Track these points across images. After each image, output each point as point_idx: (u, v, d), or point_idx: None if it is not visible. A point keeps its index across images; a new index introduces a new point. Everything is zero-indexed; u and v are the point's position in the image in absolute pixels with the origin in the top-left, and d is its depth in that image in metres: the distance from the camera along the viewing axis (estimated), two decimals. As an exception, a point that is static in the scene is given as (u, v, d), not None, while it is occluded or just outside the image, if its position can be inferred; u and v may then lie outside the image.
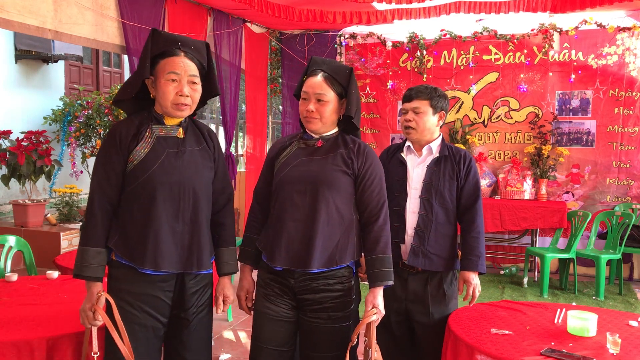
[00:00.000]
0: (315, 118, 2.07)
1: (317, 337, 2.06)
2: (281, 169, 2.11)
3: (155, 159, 1.92)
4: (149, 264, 1.88)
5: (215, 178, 2.07)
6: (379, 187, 2.12)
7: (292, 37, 6.53)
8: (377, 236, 2.06)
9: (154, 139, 1.95)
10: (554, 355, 1.94)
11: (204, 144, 2.05)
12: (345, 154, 2.09)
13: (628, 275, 5.62)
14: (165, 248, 1.90)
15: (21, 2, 3.51)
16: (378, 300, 2.02)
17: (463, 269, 2.44)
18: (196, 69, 1.95)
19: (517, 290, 5.19)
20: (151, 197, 1.89)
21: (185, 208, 1.94)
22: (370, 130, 6.42)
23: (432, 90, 2.50)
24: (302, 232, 2.01)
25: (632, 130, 5.52)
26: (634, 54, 5.44)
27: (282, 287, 2.07)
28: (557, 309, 2.48)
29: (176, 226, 1.92)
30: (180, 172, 1.93)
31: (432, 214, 2.43)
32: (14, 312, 2.23)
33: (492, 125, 5.99)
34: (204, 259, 1.98)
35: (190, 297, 1.99)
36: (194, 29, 5.04)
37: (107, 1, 4.13)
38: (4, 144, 5.20)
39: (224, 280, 2.10)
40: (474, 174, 2.50)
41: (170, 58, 1.91)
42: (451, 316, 2.37)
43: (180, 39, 1.96)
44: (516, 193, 5.68)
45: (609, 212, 5.30)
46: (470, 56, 5.97)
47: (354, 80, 2.11)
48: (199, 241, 1.97)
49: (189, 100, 1.94)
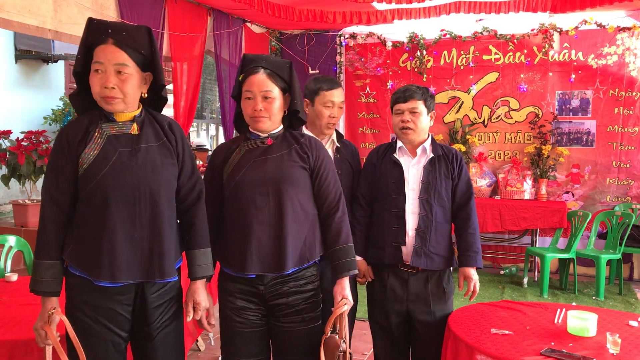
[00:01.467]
0: (264, 117, 2.00)
1: (291, 341, 2.02)
2: (234, 174, 2.02)
3: (106, 160, 1.76)
4: (105, 276, 1.73)
5: (181, 174, 1.90)
6: (334, 179, 2.10)
7: (292, 37, 6.53)
8: (339, 227, 2.05)
9: (104, 138, 1.79)
10: (554, 355, 1.94)
11: (163, 139, 1.87)
12: (299, 148, 2.05)
13: (628, 275, 5.61)
14: (123, 257, 1.74)
15: (21, 2, 3.51)
16: (346, 291, 2.02)
17: (463, 265, 2.46)
18: (126, 57, 1.75)
19: (517, 290, 5.19)
20: (103, 202, 1.74)
21: (142, 212, 1.77)
22: (370, 130, 6.41)
23: (425, 90, 2.52)
24: (272, 234, 1.95)
25: (632, 130, 5.52)
26: (634, 54, 5.44)
27: (251, 296, 2.01)
28: (557, 309, 2.48)
29: (134, 232, 1.76)
30: (134, 173, 1.77)
31: (432, 214, 2.44)
32: (14, 312, 2.23)
33: (492, 125, 5.99)
34: (167, 266, 1.81)
35: (153, 311, 1.83)
36: (194, 29, 5.04)
37: (107, 1, 4.13)
38: (4, 144, 5.20)
39: (195, 284, 1.92)
40: (465, 171, 2.53)
41: (97, 47, 1.75)
42: (451, 316, 2.38)
43: (112, 25, 1.78)
44: (516, 193, 5.68)
45: (609, 212, 5.30)
46: (470, 56, 5.96)
47: (294, 73, 2.07)
48: (160, 247, 1.80)
49: (117, 92, 1.75)
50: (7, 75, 6.37)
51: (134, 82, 1.79)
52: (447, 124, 6.10)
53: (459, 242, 2.51)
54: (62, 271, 1.79)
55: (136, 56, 1.78)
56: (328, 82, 2.60)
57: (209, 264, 1.94)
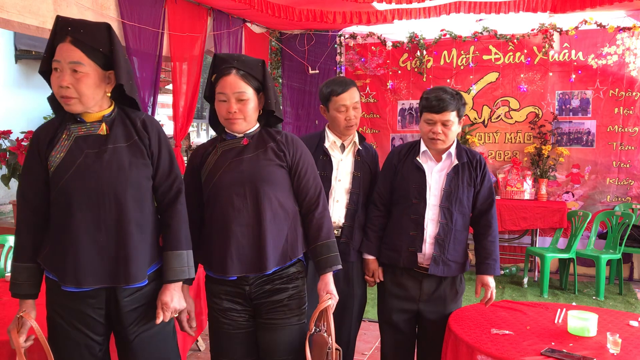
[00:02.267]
0: (239, 119, 1.98)
1: (276, 338, 2.01)
2: (211, 176, 2.00)
3: (71, 163, 1.71)
4: (70, 281, 1.70)
5: (157, 174, 1.84)
6: (313, 175, 2.08)
7: (292, 37, 6.53)
8: (320, 223, 2.04)
9: (72, 140, 1.74)
10: (554, 355, 1.94)
11: (134, 138, 1.80)
12: (276, 147, 2.03)
13: (628, 275, 5.61)
14: (88, 262, 1.70)
15: (21, 2, 3.51)
16: (330, 287, 2.01)
17: (481, 273, 2.45)
18: (82, 55, 1.68)
19: (517, 290, 5.19)
20: (68, 206, 1.70)
21: (107, 216, 1.72)
22: (370, 130, 6.41)
23: (458, 99, 2.38)
24: (251, 235, 1.94)
25: (632, 130, 5.52)
26: (634, 54, 5.44)
27: (236, 297, 2.01)
28: (557, 309, 2.48)
29: (99, 237, 1.72)
30: (98, 176, 1.72)
31: (452, 222, 2.40)
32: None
33: (492, 125, 5.99)
34: (133, 271, 1.75)
35: (128, 314, 1.79)
36: (194, 29, 5.03)
37: (107, 1, 4.13)
38: (4, 144, 5.19)
39: (165, 287, 1.84)
40: (488, 177, 2.47)
41: (57, 46, 1.70)
42: (451, 316, 2.38)
43: (72, 22, 1.71)
44: (516, 193, 5.68)
45: (609, 212, 5.29)
46: (470, 56, 5.96)
47: (268, 72, 2.04)
48: (126, 251, 1.74)
49: (72, 91, 1.69)
50: (7, 75, 6.37)
51: (90, 81, 1.71)
52: (447, 124, 6.10)
53: (477, 248, 2.48)
54: (39, 274, 1.79)
55: (94, 54, 1.71)
56: (338, 85, 2.55)
57: (182, 267, 1.85)
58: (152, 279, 1.85)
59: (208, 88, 2.04)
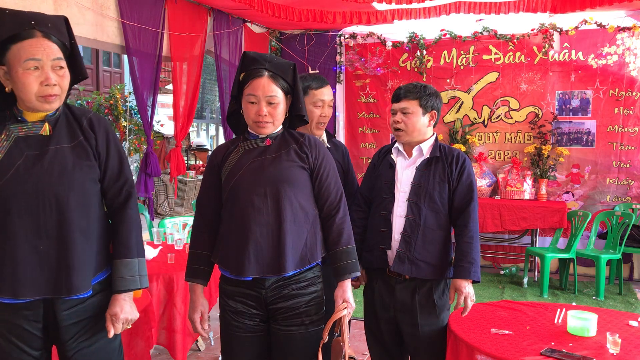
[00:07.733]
0: (268, 122, 1.95)
1: (292, 345, 1.97)
2: (232, 175, 1.96)
3: (10, 166, 1.60)
4: (7, 292, 1.59)
5: (106, 176, 1.74)
6: (335, 178, 2.05)
7: (292, 37, 6.53)
8: (340, 228, 1.99)
9: (12, 141, 1.63)
10: (554, 355, 1.94)
11: (79, 138, 1.69)
12: (298, 148, 1.99)
13: (628, 275, 5.62)
14: (26, 271, 1.59)
15: (21, 2, 3.51)
16: (348, 294, 1.96)
17: (454, 277, 2.26)
18: (59, 51, 1.62)
19: (517, 290, 5.19)
20: (5, 212, 1.58)
21: (47, 221, 1.60)
22: (370, 130, 6.41)
23: (422, 88, 2.37)
24: (270, 236, 1.89)
25: (632, 130, 5.52)
26: (634, 54, 5.44)
27: (251, 300, 1.96)
28: (557, 309, 2.48)
29: (39, 244, 1.60)
30: (38, 179, 1.60)
31: (420, 218, 2.29)
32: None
33: (492, 125, 5.99)
34: (76, 281, 1.63)
35: (67, 328, 1.68)
36: (194, 29, 5.04)
37: (107, 1, 4.13)
38: None
39: (115, 297, 1.73)
40: (468, 175, 2.34)
41: (25, 42, 1.57)
42: (451, 316, 2.37)
43: (33, 15, 1.60)
44: (516, 193, 5.68)
45: (609, 212, 5.30)
46: (470, 56, 5.96)
47: (297, 75, 2.02)
48: (68, 260, 1.62)
49: (57, 89, 1.62)
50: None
51: (69, 77, 1.67)
52: (447, 124, 6.10)
53: (456, 250, 2.31)
54: None
55: (65, 49, 1.65)
56: (316, 81, 2.51)
57: (132, 276, 1.74)
58: (98, 290, 1.75)
59: (235, 86, 2.01)
